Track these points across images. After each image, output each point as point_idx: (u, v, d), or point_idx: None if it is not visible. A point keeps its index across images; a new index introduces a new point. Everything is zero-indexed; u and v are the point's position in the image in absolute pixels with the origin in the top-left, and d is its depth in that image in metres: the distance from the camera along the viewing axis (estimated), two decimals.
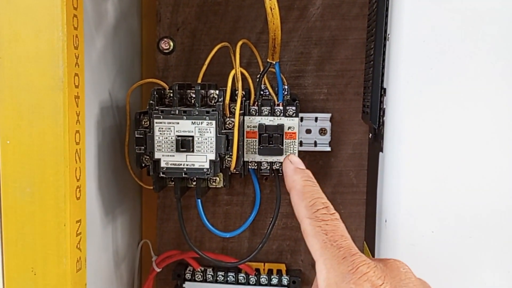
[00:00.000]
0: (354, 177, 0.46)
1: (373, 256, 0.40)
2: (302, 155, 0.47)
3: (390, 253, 0.35)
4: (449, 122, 0.33)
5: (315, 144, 0.45)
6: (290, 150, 0.39)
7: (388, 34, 0.36)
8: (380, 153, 0.37)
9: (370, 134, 0.43)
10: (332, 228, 0.26)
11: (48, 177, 0.25)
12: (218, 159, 0.36)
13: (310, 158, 0.47)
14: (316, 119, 0.45)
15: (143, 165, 0.38)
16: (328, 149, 0.45)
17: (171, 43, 0.46)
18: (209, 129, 0.36)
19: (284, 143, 0.39)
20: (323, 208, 0.28)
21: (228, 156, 0.37)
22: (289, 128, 0.39)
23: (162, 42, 0.46)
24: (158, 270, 0.47)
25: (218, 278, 0.47)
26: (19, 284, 0.26)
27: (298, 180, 0.29)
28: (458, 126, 0.33)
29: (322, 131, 0.45)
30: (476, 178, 0.34)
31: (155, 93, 0.37)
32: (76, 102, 0.26)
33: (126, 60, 0.45)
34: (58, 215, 0.25)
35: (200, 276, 0.47)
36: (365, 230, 0.46)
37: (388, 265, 0.27)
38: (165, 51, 0.46)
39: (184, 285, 0.47)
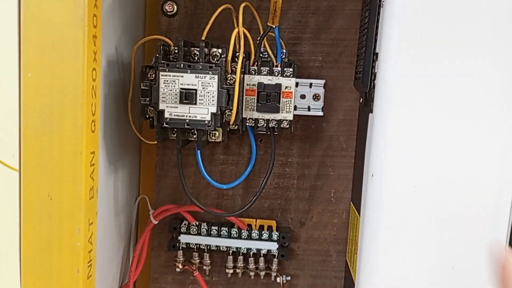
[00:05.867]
0: (344, 141, 0.49)
1: (359, 212, 0.43)
2: (296, 119, 0.49)
3: (376, 205, 0.39)
4: (436, 83, 0.36)
5: (309, 108, 0.48)
6: (286, 108, 0.42)
7: (382, 2, 0.38)
8: (370, 114, 0.40)
9: (361, 99, 0.45)
10: None
11: (67, 109, 0.27)
12: (219, 112, 0.38)
13: (303, 122, 0.49)
14: (310, 85, 0.47)
15: (147, 116, 0.40)
16: (321, 114, 0.48)
17: (175, 6, 0.48)
18: (212, 83, 0.38)
19: (281, 102, 0.41)
20: None
21: (228, 110, 0.39)
22: (286, 87, 0.41)
23: (166, 4, 0.48)
24: (155, 222, 0.49)
25: (212, 232, 0.49)
26: (36, 208, 0.28)
27: None
28: (444, 86, 0.36)
29: (316, 97, 0.48)
30: (458, 140, 0.37)
31: (161, 47, 0.39)
32: (94, 41, 0.28)
33: (131, 20, 0.47)
34: (75, 145, 0.27)
35: (195, 229, 0.50)
36: (352, 191, 0.49)
37: None
38: (168, 13, 0.48)
39: (179, 238, 0.50)
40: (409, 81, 0.36)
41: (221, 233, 0.49)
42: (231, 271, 0.50)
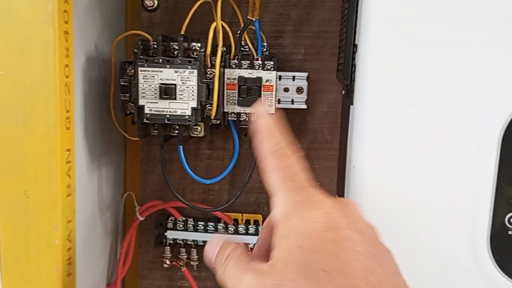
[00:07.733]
0: (328, 134, 0.49)
1: None
2: (280, 112, 0.49)
3: (358, 197, 0.39)
4: (415, 74, 0.36)
5: (292, 102, 0.47)
6: (268, 102, 0.41)
7: None
8: (351, 106, 0.40)
9: (343, 91, 0.45)
10: (288, 165, 0.26)
11: (40, 107, 0.27)
12: (199, 107, 0.38)
13: (287, 116, 0.49)
14: (293, 78, 0.47)
15: (128, 112, 0.40)
16: (304, 107, 0.48)
17: (155, 1, 0.47)
18: (191, 78, 0.38)
19: (262, 95, 0.41)
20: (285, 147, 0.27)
21: (209, 104, 0.39)
22: (267, 81, 0.41)
23: None
24: (142, 219, 0.49)
25: (198, 228, 0.49)
26: (12, 205, 0.28)
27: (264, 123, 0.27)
28: (423, 77, 0.36)
29: (299, 90, 0.48)
30: (437, 130, 0.37)
31: (139, 43, 0.38)
32: (66, 37, 0.27)
33: (112, 16, 0.46)
34: (49, 142, 0.27)
35: (181, 225, 0.50)
36: (337, 184, 0.50)
37: (340, 201, 0.28)
38: (149, 8, 0.47)
39: (166, 234, 0.50)
40: (388, 72, 0.36)
41: (208, 228, 0.49)
42: None
